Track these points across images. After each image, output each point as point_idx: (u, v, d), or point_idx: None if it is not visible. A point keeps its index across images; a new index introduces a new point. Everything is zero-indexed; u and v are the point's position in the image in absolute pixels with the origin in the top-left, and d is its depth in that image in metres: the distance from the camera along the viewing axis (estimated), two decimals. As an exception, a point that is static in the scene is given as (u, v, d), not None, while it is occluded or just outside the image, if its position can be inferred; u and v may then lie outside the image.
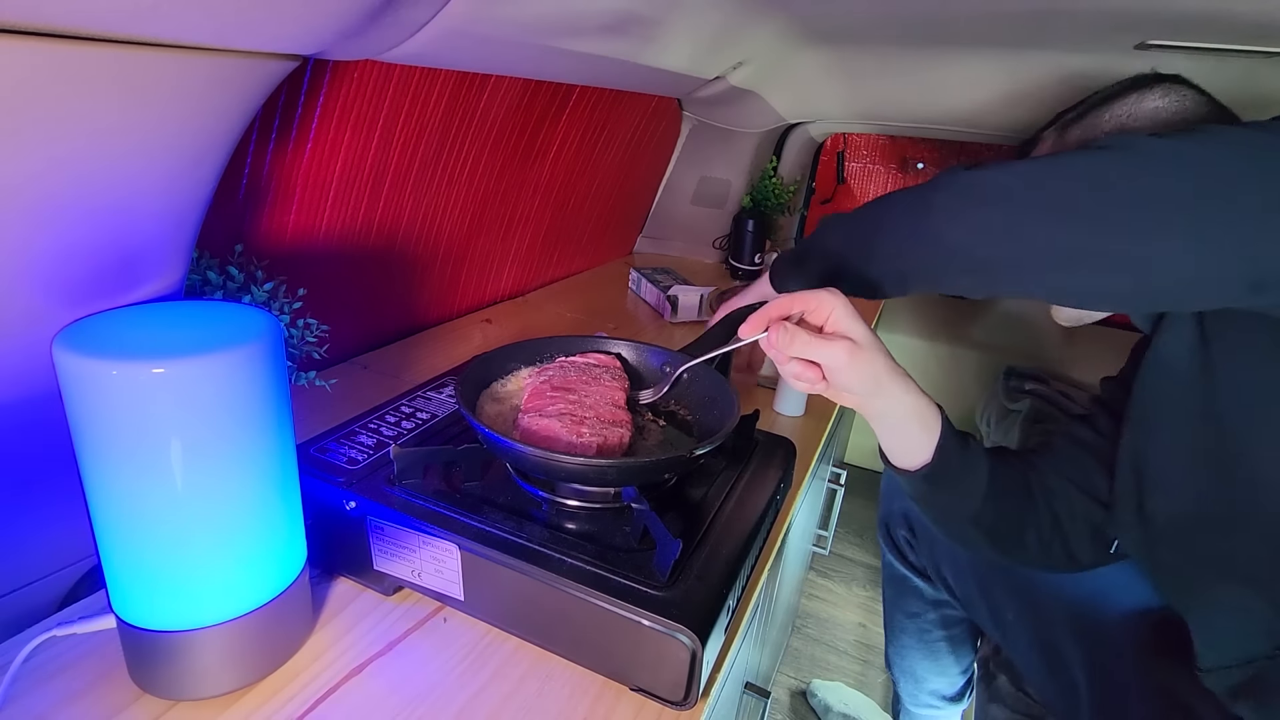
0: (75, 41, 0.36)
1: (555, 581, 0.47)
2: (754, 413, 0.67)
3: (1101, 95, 0.69)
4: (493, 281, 1.27)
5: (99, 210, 0.44)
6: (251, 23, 0.42)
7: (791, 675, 1.37)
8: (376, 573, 0.55)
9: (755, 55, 1.18)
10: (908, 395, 0.56)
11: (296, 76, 0.70)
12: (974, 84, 1.26)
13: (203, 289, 0.63)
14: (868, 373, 0.52)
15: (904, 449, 0.60)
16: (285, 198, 0.78)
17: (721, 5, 0.89)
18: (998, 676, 0.91)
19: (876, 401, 0.55)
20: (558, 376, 0.63)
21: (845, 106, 1.51)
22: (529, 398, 0.60)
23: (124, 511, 0.40)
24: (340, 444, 0.59)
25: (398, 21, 0.56)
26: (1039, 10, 0.85)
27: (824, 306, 0.51)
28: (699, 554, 0.51)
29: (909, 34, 1.07)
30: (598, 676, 0.50)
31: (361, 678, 0.48)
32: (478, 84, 0.92)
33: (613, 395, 0.61)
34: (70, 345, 0.37)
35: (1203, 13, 0.74)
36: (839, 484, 1.13)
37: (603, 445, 0.55)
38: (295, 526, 0.48)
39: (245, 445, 0.42)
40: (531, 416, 0.57)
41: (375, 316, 1.01)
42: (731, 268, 1.69)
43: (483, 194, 1.10)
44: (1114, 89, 0.68)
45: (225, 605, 0.44)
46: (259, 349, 0.41)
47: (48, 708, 0.44)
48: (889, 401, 0.56)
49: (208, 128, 0.47)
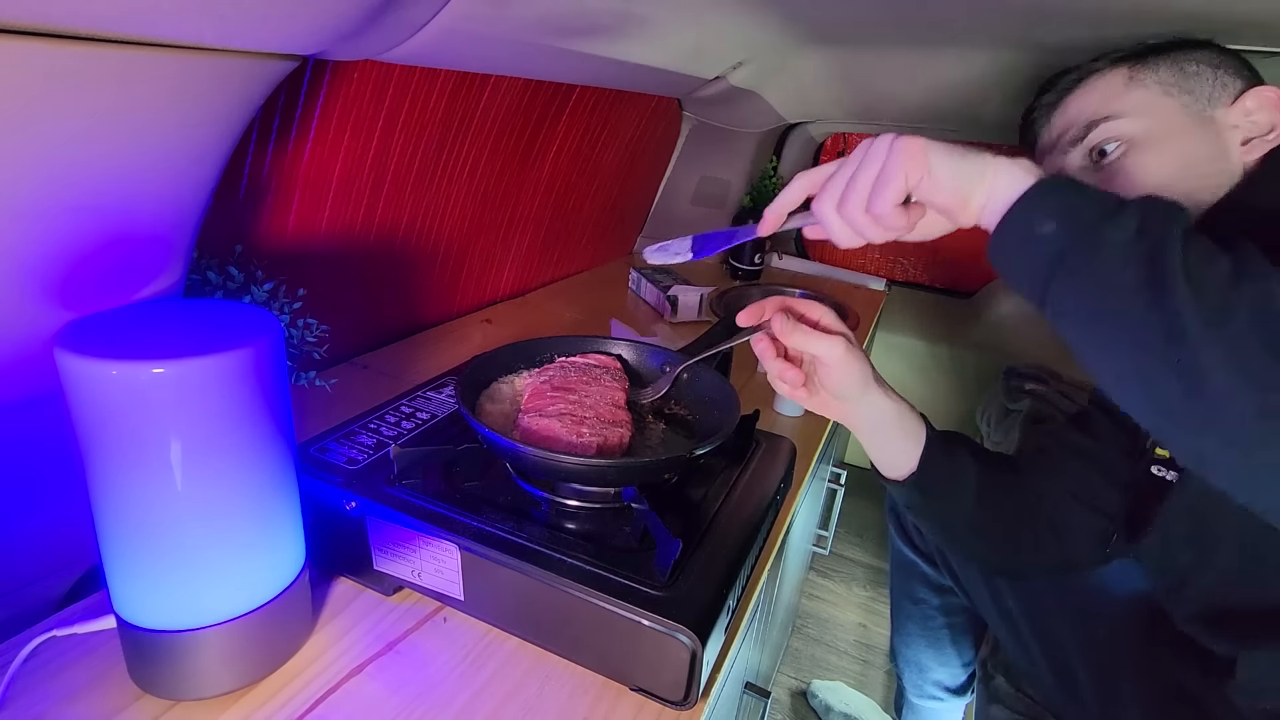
0: (75, 41, 0.36)
1: (555, 581, 0.47)
2: (754, 413, 0.67)
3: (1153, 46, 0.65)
4: (493, 281, 1.26)
5: (98, 210, 0.44)
6: (251, 23, 0.42)
7: (792, 675, 1.37)
8: (376, 573, 0.55)
9: (755, 55, 1.18)
10: (889, 400, 0.57)
11: (296, 76, 0.70)
12: (974, 83, 1.26)
13: (203, 289, 0.63)
14: (857, 372, 0.53)
15: (891, 459, 0.61)
16: (285, 198, 0.78)
17: (721, 5, 0.89)
18: (995, 676, 0.91)
19: (862, 407, 0.56)
20: (558, 377, 0.63)
21: (845, 106, 1.51)
22: (529, 398, 0.60)
23: (124, 511, 0.40)
24: (340, 444, 0.59)
25: (398, 22, 0.56)
26: (1039, 9, 0.85)
27: (818, 305, 0.53)
28: (699, 554, 0.51)
29: (909, 33, 1.07)
30: (598, 677, 0.50)
31: (361, 678, 0.48)
32: (478, 84, 0.92)
33: (612, 395, 0.61)
34: (70, 345, 0.37)
35: (1204, 12, 0.74)
36: (839, 484, 1.13)
37: (603, 445, 0.54)
38: (295, 526, 0.48)
39: (245, 445, 0.42)
40: (532, 416, 0.57)
41: (375, 316, 1.01)
42: (731, 268, 1.69)
43: (483, 194, 1.10)
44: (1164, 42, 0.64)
45: (225, 605, 0.44)
46: (259, 349, 0.41)
47: (47, 708, 0.44)
48: (873, 407, 0.56)
49: (207, 128, 0.47)
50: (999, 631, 0.87)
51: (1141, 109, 0.62)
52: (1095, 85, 0.65)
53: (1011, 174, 0.43)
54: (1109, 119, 0.63)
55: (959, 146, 0.44)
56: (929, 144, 0.44)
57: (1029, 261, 0.42)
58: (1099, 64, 0.66)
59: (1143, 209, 0.40)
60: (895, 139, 0.44)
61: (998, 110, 1.33)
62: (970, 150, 0.44)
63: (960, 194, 0.43)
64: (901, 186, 0.43)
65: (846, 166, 0.46)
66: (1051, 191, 0.42)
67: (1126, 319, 0.39)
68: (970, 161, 0.43)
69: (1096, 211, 0.40)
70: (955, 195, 0.43)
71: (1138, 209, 0.40)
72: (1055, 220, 0.41)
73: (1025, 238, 0.42)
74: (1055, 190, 0.42)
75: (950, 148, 0.44)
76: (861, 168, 0.44)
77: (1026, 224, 0.42)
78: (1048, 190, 0.42)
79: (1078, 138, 0.65)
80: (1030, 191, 0.42)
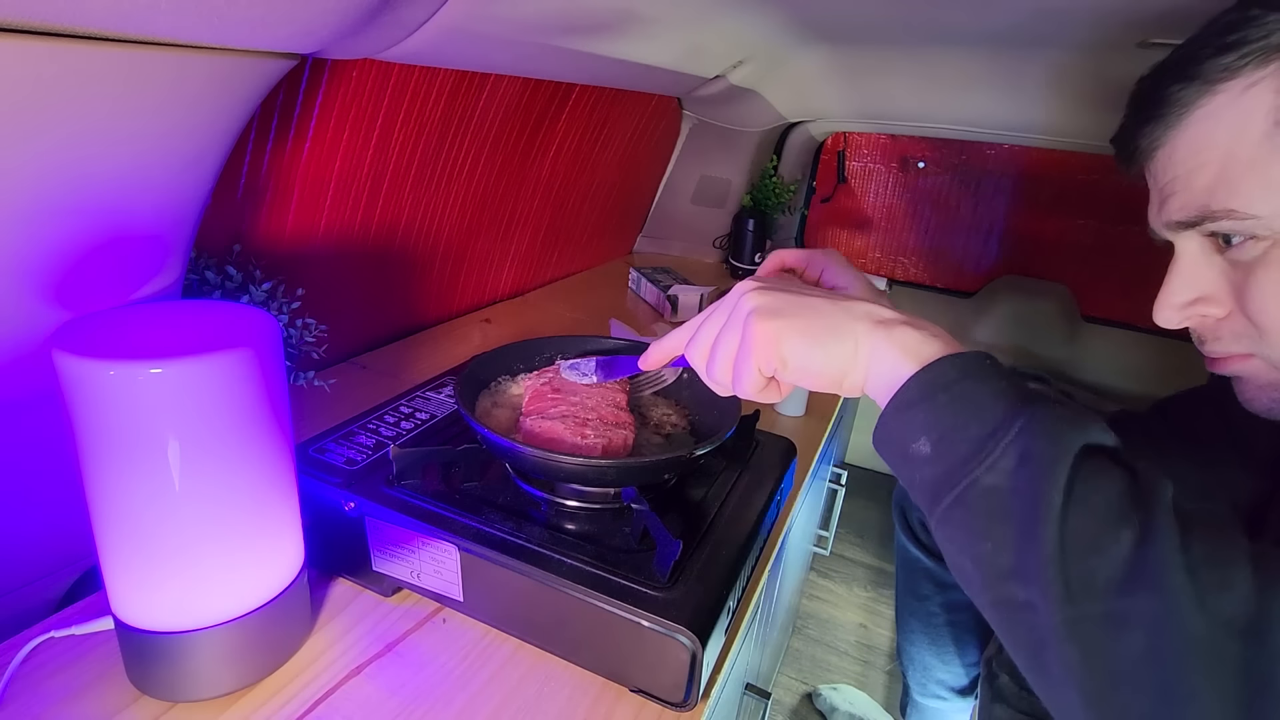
0: (73, 40, 0.36)
1: (554, 582, 0.47)
2: (754, 413, 0.67)
3: None
4: (492, 281, 1.26)
5: (96, 209, 0.44)
6: (249, 22, 0.42)
7: (792, 676, 1.37)
8: (375, 573, 0.55)
9: (755, 54, 1.18)
10: None
11: (295, 75, 0.70)
12: (974, 83, 1.26)
13: (201, 288, 0.63)
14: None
15: None
16: (284, 197, 0.78)
17: (721, 3, 0.89)
18: (1000, 675, 0.91)
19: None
20: (557, 379, 0.63)
21: (846, 105, 1.51)
22: (530, 400, 0.60)
23: (122, 512, 0.40)
24: (339, 444, 0.59)
25: (396, 20, 0.55)
26: (1040, 8, 0.85)
27: (818, 262, 0.50)
28: (699, 555, 0.51)
29: (910, 32, 1.07)
30: (597, 678, 0.50)
31: (360, 679, 0.48)
32: (477, 83, 0.92)
33: (613, 397, 0.61)
34: (68, 345, 0.37)
35: (1204, 11, 0.74)
36: (839, 484, 1.13)
37: (607, 447, 0.54)
38: (294, 527, 0.48)
39: (243, 446, 0.42)
40: (534, 419, 0.56)
41: (374, 316, 1.01)
42: (731, 267, 1.69)
43: (482, 193, 1.10)
44: None
45: (223, 606, 0.44)
46: (257, 349, 0.40)
47: (45, 709, 0.44)
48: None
49: (206, 127, 0.47)
50: None
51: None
52: (1217, 118, 0.40)
53: (889, 355, 0.36)
54: (1233, 214, 0.40)
55: (823, 324, 0.38)
56: (782, 334, 0.38)
57: (909, 480, 0.36)
58: (1227, 59, 0.39)
59: (1022, 438, 0.31)
60: (748, 318, 0.39)
61: (999, 109, 1.33)
62: (837, 326, 0.38)
63: (828, 379, 0.39)
64: (756, 376, 0.39)
65: (710, 324, 0.42)
66: (928, 395, 0.34)
67: (998, 601, 0.33)
68: (834, 345, 0.38)
69: (970, 439, 0.33)
70: (822, 380, 0.39)
71: (1017, 437, 0.32)
72: (929, 440, 0.34)
73: (901, 452, 0.36)
74: (930, 395, 0.34)
75: (810, 332, 0.38)
76: (721, 336, 0.41)
77: (901, 436, 0.36)
78: (924, 391, 0.35)
79: (1190, 221, 0.43)
80: (906, 389, 0.35)
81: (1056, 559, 0.29)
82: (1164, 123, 0.43)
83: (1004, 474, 0.32)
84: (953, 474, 0.33)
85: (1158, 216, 0.46)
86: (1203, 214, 0.41)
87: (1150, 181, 0.47)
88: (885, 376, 0.37)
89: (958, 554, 0.34)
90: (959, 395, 0.34)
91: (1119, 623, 0.29)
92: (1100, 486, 0.30)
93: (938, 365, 0.35)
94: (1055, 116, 1.29)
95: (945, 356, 0.35)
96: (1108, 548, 0.29)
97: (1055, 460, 0.30)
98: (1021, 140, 1.51)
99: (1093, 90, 1.14)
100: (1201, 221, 0.42)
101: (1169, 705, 0.28)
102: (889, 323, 0.38)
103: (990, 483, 0.32)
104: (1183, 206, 0.43)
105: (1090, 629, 0.29)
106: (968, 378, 0.34)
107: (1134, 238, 1.79)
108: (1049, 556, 0.30)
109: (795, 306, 0.39)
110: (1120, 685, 0.29)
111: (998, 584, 0.32)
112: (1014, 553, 0.31)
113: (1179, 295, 0.45)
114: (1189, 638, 0.27)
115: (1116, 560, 0.29)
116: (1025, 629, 0.32)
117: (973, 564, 0.33)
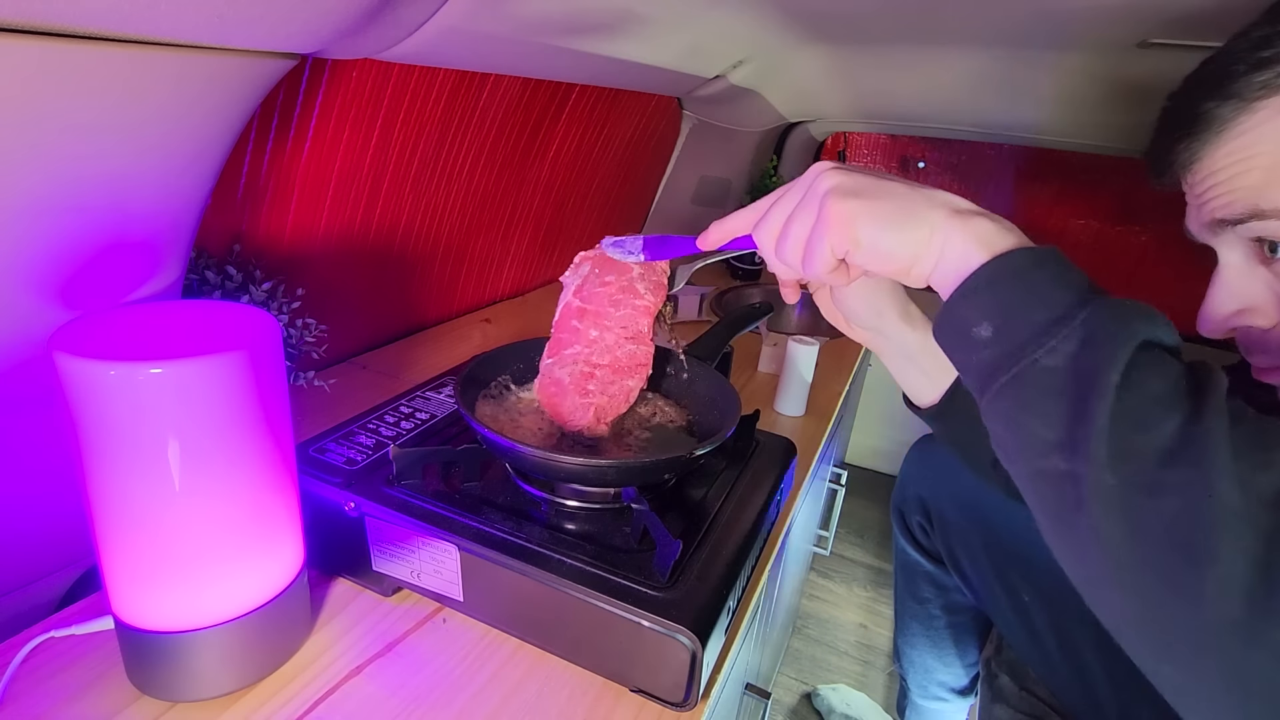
0: (72, 40, 0.36)
1: (555, 582, 0.47)
2: (754, 413, 0.67)
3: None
4: (492, 281, 1.26)
5: (96, 209, 0.44)
6: (249, 21, 0.42)
7: (792, 676, 1.37)
8: (375, 573, 0.55)
9: (755, 54, 1.18)
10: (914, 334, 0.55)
11: (295, 75, 0.70)
12: (974, 82, 1.26)
13: (201, 288, 0.63)
14: (871, 304, 0.52)
15: (913, 386, 0.59)
16: (284, 197, 0.78)
17: (721, 3, 0.89)
18: (1000, 675, 0.91)
19: (879, 338, 0.55)
20: (590, 288, 0.58)
21: (846, 105, 1.51)
22: (557, 323, 0.59)
23: (122, 512, 0.40)
24: (339, 444, 0.59)
25: (396, 20, 0.55)
26: (1040, 8, 0.85)
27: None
28: (699, 554, 0.51)
29: (909, 32, 1.07)
30: (597, 677, 0.50)
31: (360, 679, 0.48)
32: (477, 83, 0.92)
33: (637, 321, 0.58)
34: (68, 345, 0.37)
35: (1205, 10, 0.74)
36: (840, 484, 1.13)
37: (600, 410, 0.55)
38: (294, 527, 0.48)
39: (243, 446, 0.42)
40: (550, 364, 0.58)
41: (374, 316, 1.01)
42: (731, 267, 1.69)
43: (482, 193, 1.10)
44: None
45: (224, 606, 0.44)
46: (257, 349, 0.40)
47: (45, 709, 0.44)
48: (892, 339, 0.55)
49: (205, 126, 0.47)
50: (1008, 627, 0.87)
51: None
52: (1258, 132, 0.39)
53: (962, 244, 0.36)
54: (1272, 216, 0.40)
55: (900, 208, 0.38)
56: (857, 214, 0.38)
57: (964, 363, 0.37)
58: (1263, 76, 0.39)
59: (1088, 324, 0.32)
60: (825, 197, 0.39)
61: (999, 109, 1.33)
62: (914, 212, 0.38)
63: (899, 263, 0.38)
64: (828, 256, 0.39)
65: (784, 203, 0.42)
66: (997, 281, 0.35)
67: (1037, 474, 0.34)
68: (909, 230, 0.37)
69: (1035, 324, 0.33)
70: (893, 265, 0.38)
71: (1082, 325, 0.32)
72: (991, 325, 0.35)
73: (962, 336, 0.36)
74: (999, 281, 0.35)
75: (886, 215, 0.38)
76: (795, 215, 0.40)
77: (963, 320, 0.36)
78: (994, 277, 0.35)
79: (1236, 218, 0.42)
80: (975, 277, 0.36)
81: (1105, 432, 0.30)
82: (1201, 139, 0.43)
83: (1065, 356, 0.32)
84: (1012, 355, 0.34)
85: (1197, 218, 0.45)
86: (1252, 212, 0.41)
87: (1187, 189, 0.46)
88: (955, 264, 0.37)
89: (1004, 429, 0.35)
90: (1029, 283, 0.34)
91: (1157, 490, 0.30)
92: (1158, 372, 0.31)
93: (1011, 255, 0.35)
94: (1055, 116, 1.29)
95: (1019, 248, 0.36)
96: (1158, 425, 0.30)
97: (1117, 346, 0.31)
98: (1021, 140, 1.51)
99: (1093, 90, 1.14)
100: (1249, 219, 0.41)
101: (1193, 565, 0.29)
102: (966, 213, 0.38)
103: (1049, 364, 0.33)
104: (1228, 205, 0.42)
105: (1129, 494, 0.30)
106: (1039, 268, 0.35)
107: (1134, 238, 1.79)
108: (1098, 430, 0.30)
109: (874, 188, 0.39)
110: (1146, 542, 0.30)
111: (1040, 457, 0.33)
112: (1064, 428, 0.32)
113: (1224, 306, 0.45)
114: (1224, 508, 0.28)
115: (1164, 435, 0.30)
116: (1059, 496, 0.32)
117: (1016, 438, 0.34)
